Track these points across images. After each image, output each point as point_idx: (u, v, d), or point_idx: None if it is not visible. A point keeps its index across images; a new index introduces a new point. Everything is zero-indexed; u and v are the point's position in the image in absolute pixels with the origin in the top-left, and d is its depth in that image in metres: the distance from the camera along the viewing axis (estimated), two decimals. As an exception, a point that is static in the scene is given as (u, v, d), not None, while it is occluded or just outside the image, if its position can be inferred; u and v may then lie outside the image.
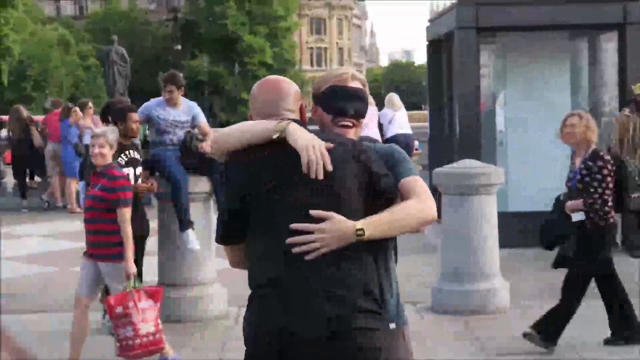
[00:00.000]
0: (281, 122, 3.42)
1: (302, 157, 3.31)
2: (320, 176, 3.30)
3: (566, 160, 13.53)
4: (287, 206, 3.33)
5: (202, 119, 9.44)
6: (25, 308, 9.75)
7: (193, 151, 8.99)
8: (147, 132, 17.47)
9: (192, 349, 8.06)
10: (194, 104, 9.49)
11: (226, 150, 3.49)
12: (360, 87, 3.69)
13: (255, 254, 3.43)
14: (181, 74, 9.61)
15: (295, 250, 3.28)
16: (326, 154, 3.33)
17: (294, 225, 3.29)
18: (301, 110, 3.62)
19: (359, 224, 3.30)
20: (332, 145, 3.36)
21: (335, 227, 3.29)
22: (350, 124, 3.63)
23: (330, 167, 3.32)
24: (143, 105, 9.36)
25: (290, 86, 3.64)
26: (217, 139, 3.55)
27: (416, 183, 3.51)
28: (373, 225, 3.33)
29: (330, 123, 3.62)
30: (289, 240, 3.29)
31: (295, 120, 3.50)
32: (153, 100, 9.36)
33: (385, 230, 3.37)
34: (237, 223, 3.44)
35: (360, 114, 3.65)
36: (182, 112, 9.20)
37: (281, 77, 3.74)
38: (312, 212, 3.30)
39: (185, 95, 9.55)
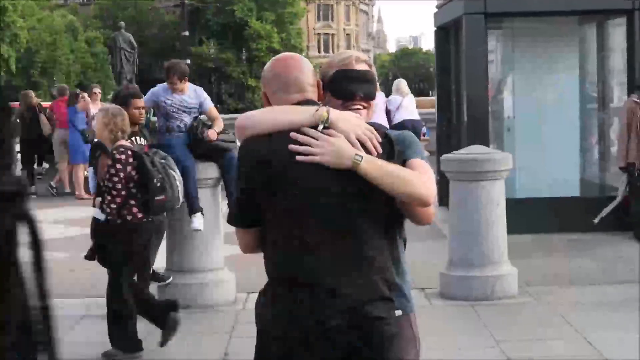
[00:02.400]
0: (318, 110, 3.37)
1: (352, 139, 3.30)
2: (375, 152, 3.30)
3: (574, 146, 13.57)
4: (308, 191, 3.29)
5: (210, 104, 9.43)
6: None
7: (200, 138, 8.99)
8: (153, 118, 17.55)
9: (200, 335, 8.08)
10: (200, 89, 9.47)
11: (253, 135, 3.43)
12: (367, 68, 3.67)
13: (273, 241, 3.38)
14: (184, 63, 9.58)
15: (298, 158, 3.26)
16: (374, 131, 3.37)
17: (293, 134, 3.28)
18: (318, 86, 3.58)
19: (361, 152, 3.27)
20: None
21: (338, 142, 3.27)
22: (361, 107, 3.60)
23: (378, 146, 3.34)
24: (150, 91, 9.36)
25: (306, 61, 3.63)
26: (244, 125, 3.47)
27: (421, 165, 3.46)
28: (372, 162, 3.28)
29: (341, 108, 3.56)
30: (292, 147, 3.27)
31: (312, 102, 3.49)
32: (159, 86, 9.35)
33: (379, 176, 3.28)
34: (254, 204, 3.39)
35: (369, 96, 3.63)
36: (188, 96, 9.19)
37: (294, 53, 3.76)
38: (325, 131, 3.30)
39: (192, 82, 9.54)
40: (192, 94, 9.24)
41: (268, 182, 3.33)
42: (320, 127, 3.33)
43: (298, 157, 3.26)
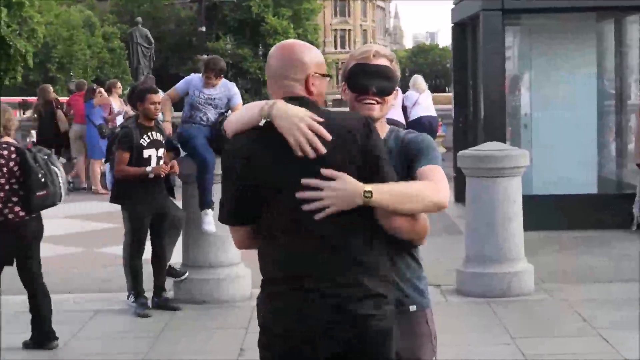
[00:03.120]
0: (265, 105, 3.30)
1: (289, 140, 3.21)
2: (312, 155, 3.20)
3: (591, 143, 13.52)
4: (288, 191, 3.23)
5: (238, 100, 9.43)
6: (50, 288, 9.79)
7: (222, 133, 9.00)
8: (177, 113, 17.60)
9: (216, 331, 8.09)
10: (232, 85, 9.48)
11: (232, 134, 3.40)
12: (386, 64, 3.61)
13: (265, 240, 3.37)
14: (223, 61, 9.60)
15: (305, 207, 3.19)
16: (320, 129, 3.23)
17: (305, 181, 3.19)
18: (307, 82, 3.40)
19: (369, 186, 3.20)
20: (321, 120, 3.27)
21: (344, 185, 3.19)
22: (374, 102, 3.56)
23: (321, 146, 3.21)
24: (185, 79, 9.46)
25: (301, 54, 3.43)
26: (225, 124, 3.48)
27: (434, 171, 3.44)
28: (382, 191, 3.23)
29: (355, 102, 3.56)
30: (299, 194, 3.19)
31: (292, 98, 3.36)
32: (196, 76, 9.40)
33: (393, 202, 3.25)
34: (246, 203, 3.34)
35: (383, 91, 3.57)
36: (217, 91, 9.20)
37: (299, 42, 3.52)
38: (323, 170, 3.19)
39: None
40: (222, 89, 9.25)
41: (258, 181, 3.28)
42: (262, 122, 3.27)
43: (305, 207, 3.19)
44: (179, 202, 9.14)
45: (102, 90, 17.83)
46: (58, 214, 15.32)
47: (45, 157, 7.37)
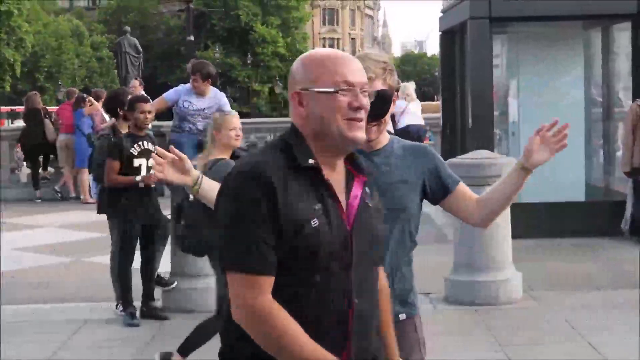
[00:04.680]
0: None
1: None
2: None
3: (579, 150, 13.56)
4: None
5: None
6: (39, 298, 9.79)
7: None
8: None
9: (205, 339, 8.07)
10: (222, 95, 9.49)
11: None
12: (379, 87, 3.57)
13: None
14: (211, 65, 9.61)
15: None
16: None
17: None
18: (293, 100, 2.83)
19: None
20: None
21: None
22: (370, 126, 3.57)
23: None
24: (174, 89, 9.45)
25: (293, 67, 2.87)
26: None
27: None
28: None
29: None
30: None
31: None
32: (185, 86, 9.40)
33: None
34: None
35: (377, 116, 3.58)
36: (205, 101, 9.20)
37: (308, 53, 2.91)
38: None
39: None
40: (212, 100, 9.26)
41: None
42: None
43: None
44: (166, 211, 9.14)
45: (91, 99, 17.79)
46: (46, 223, 15.32)
47: None
